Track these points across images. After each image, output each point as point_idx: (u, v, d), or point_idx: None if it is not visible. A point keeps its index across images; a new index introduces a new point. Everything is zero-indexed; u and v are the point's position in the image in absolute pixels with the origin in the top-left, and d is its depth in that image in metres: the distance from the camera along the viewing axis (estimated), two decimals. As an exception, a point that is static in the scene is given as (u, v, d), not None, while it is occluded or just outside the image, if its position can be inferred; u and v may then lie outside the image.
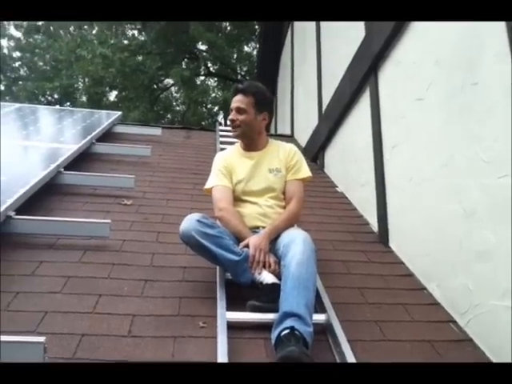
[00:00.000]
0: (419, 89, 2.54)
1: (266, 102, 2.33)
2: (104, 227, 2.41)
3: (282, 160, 2.33)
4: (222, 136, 4.90)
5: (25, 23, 16.29)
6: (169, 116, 16.73)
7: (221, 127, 5.44)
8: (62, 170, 3.14)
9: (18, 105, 5.59)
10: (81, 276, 2.11)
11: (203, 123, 16.11)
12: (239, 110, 2.27)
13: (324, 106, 4.56)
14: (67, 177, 3.12)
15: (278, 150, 2.37)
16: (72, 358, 1.57)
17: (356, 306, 2.09)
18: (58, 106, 14.17)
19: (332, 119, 4.15)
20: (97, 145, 3.98)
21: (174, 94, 17.17)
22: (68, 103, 15.14)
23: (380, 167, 3.03)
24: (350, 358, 1.60)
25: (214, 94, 16.68)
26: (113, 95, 15.45)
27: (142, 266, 2.26)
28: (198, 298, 2.03)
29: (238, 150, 2.42)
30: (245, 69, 16.33)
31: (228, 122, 2.48)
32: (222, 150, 4.33)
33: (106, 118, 4.95)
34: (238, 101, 2.28)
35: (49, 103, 15.32)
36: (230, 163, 2.36)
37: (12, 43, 17.39)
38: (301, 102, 5.97)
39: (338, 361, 1.67)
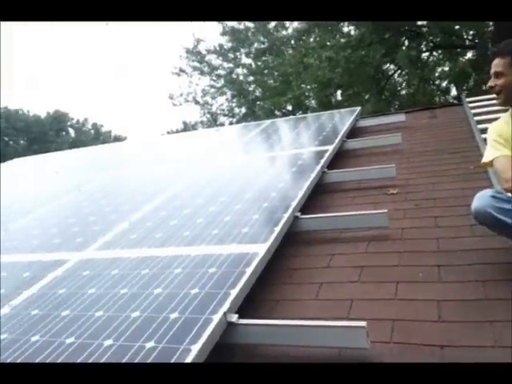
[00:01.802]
0: None
1: None
2: (382, 217, 2.46)
3: None
4: (473, 108, 4.49)
5: (253, 50, 18.28)
6: (397, 102, 16.26)
7: (468, 99, 4.99)
8: (326, 169, 3.34)
9: (267, 121, 6.25)
10: (372, 265, 2.19)
11: (434, 101, 15.10)
12: (497, 75, 2.05)
13: None
14: (332, 175, 3.31)
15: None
16: (390, 343, 1.63)
17: None
18: (292, 116, 15.42)
19: None
20: (348, 142, 4.12)
21: (397, 79, 16.62)
22: (300, 112, 16.22)
23: None
24: None
25: (439, 69, 15.52)
26: (339, 94, 15.89)
27: (430, 252, 2.21)
28: (502, 281, 1.87)
29: None
30: (471, 32, 14.68)
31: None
32: (478, 122, 3.98)
33: (347, 116, 5.09)
34: (494, 65, 2.07)
35: (284, 115, 16.72)
36: (504, 132, 2.12)
37: (245, 70, 19.67)
38: None
39: None
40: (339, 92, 15.54)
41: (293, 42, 16.97)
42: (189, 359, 1.47)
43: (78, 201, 3.75)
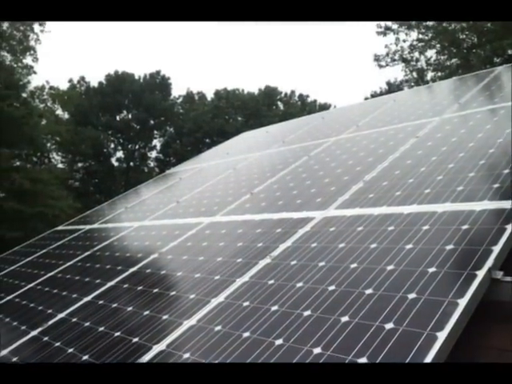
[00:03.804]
0: None
1: None
2: None
3: None
4: None
5: None
6: None
7: None
8: None
9: (498, 68, 5.54)
10: None
11: None
12: None
13: None
14: None
15: None
16: None
17: None
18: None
19: None
20: None
21: None
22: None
23: None
24: None
25: None
26: None
27: None
28: None
29: None
30: None
31: None
32: None
33: None
34: None
35: (505, 61, 14.62)
36: None
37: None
38: None
39: None
40: None
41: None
42: (457, 313, 1.45)
43: (308, 165, 4.00)
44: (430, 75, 20.93)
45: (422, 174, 2.76)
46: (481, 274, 1.61)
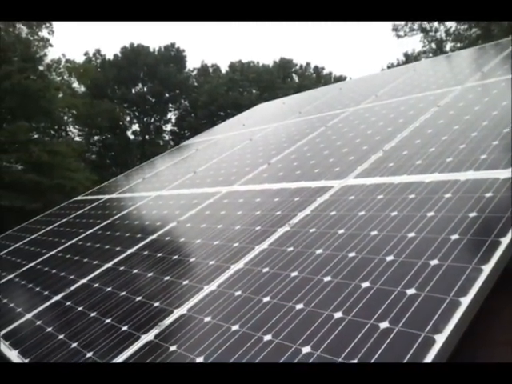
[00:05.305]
0: None
1: None
2: None
3: None
4: None
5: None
6: None
7: None
8: None
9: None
10: None
11: None
12: None
13: None
14: None
15: None
16: None
17: None
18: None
19: None
20: None
21: None
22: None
23: None
24: None
25: None
26: None
27: None
28: None
29: None
30: None
31: None
32: None
33: None
34: None
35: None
36: None
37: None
38: None
39: None
40: None
41: None
42: (481, 279, 1.44)
43: (326, 135, 3.95)
44: (448, 46, 20.43)
45: (443, 142, 2.71)
46: (505, 240, 1.59)
